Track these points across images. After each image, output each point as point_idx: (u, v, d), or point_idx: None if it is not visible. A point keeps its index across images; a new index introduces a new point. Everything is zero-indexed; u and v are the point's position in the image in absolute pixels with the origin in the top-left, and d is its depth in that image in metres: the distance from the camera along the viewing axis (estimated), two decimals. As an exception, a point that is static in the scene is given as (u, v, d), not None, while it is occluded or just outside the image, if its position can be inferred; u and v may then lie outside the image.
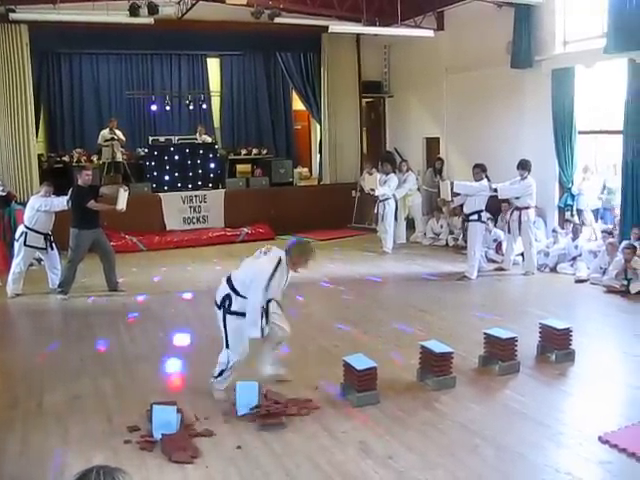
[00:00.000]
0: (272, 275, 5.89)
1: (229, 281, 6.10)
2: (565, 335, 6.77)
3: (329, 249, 13.90)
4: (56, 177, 13.81)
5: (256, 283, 5.84)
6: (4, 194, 13.03)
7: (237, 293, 5.97)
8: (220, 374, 5.99)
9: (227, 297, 6.01)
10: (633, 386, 6.15)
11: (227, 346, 5.97)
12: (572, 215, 12.04)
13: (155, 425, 5.19)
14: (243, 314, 5.87)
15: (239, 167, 17.50)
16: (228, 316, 5.95)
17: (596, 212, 12.16)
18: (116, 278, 10.43)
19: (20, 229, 10.44)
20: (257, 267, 6.04)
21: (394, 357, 6.92)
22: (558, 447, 4.95)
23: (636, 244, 10.00)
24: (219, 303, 6.05)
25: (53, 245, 10.48)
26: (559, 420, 5.39)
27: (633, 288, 9.46)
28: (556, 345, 6.73)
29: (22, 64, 14.06)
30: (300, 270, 6.27)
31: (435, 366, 6.07)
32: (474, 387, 6.09)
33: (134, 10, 12.65)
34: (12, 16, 12.63)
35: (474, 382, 6.23)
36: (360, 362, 5.80)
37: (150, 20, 12.65)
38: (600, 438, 5.00)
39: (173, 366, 6.95)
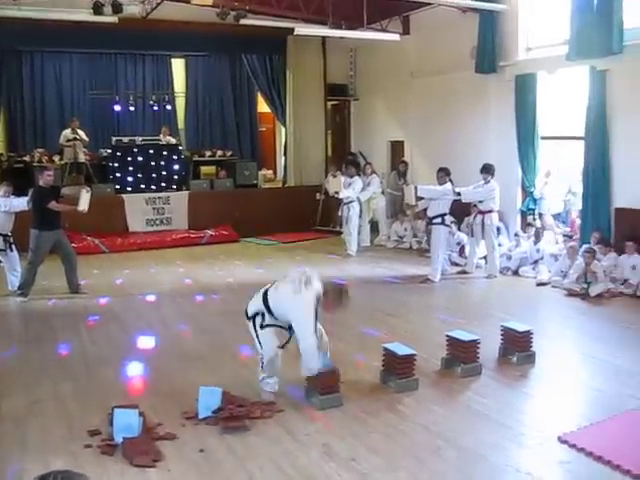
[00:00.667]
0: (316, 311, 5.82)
1: (265, 299, 5.95)
2: (526, 337, 6.85)
3: (293, 252, 13.91)
4: (16, 177, 13.59)
5: (306, 324, 5.73)
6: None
7: (271, 313, 5.90)
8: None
9: (260, 314, 5.94)
10: (592, 387, 6.25)
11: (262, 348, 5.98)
12: (534, 219, 12.19)
13: (116, 429, 5.12)
14: (276, 325, 5.90)
15: (203, 169, 17.42)
16: (260, 330, 5.94)
17: (558, 216, 12.33)
18: (77, 280, 10.28)
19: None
20: (302, 306, 5.77)
21: (357, 359, 6.93)
22: (519, 448, 5.01)
23: (596, 248, 10.17)
24: (250, 316, 6.02)
25: (13, 247, 10.31)
26: (520, 421, 5.45)
27: (593, 291, 9.61)
28: (517, 347, 6.81)
29: (-18, 62, 13.82)
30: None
31: (398, 368, 6.10)
32: (436, 389, 6.13)
33: (97, 8, 12.49)
34: (-29, 12, 12.39)
35: (436, 384, 6.27)
36: (323, 365, 5.80)
37: (114, 19, 12.51)
38: (560, 438, 5.07)
39: (135, 369, 6.87)
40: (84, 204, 10.02)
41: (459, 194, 10.86)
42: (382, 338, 7.45)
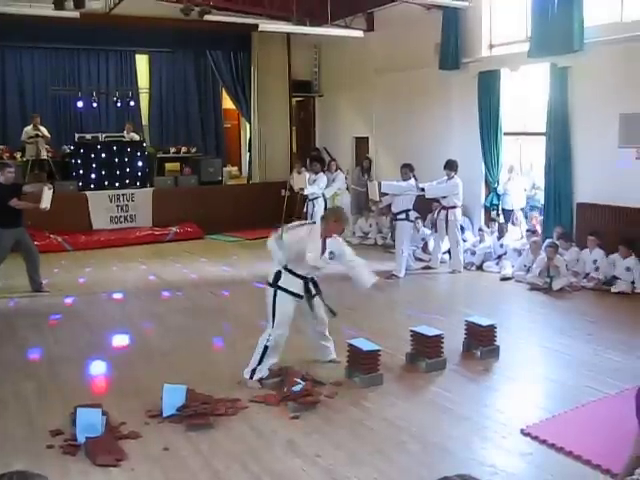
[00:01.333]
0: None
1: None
2: (489, 332, 6.93)
3: (258, 248, 13.71)
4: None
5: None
6: None
7: (287, 269, 6.39)
8: (260, 362, 6.20)
9: (278, 274, 6.42)
10: (554, 380, 6.35)
11: (273, 325, 6.25)
12: (498, 215, 12.32)
13: (79, 428, 5.06)
14: (291, 292, 6.30)
15: (168, 165, 17.27)
16: (279, 292, 6.31)
17: (522, 211, 12.46)
18: (40, 279, 10.13)
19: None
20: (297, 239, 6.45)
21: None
22: (482, 441, 5.06)
23: (558, 243, 10.30)
24: (271, 281, 6.43)
25: None
26: (484, 414, 5.51)
27: (555, 285, 9.75)
28: (481, 342, 6.88)
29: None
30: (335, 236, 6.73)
31: (363, 364, 6.13)
32: (401, 384, 6.17)
33: (59, 3, 12.31)
34: None
35: (401, 379, 6.31)
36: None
37: (76, 14, 12.34)
38: (522, 431, 5.13)
39: (98, 368, 6.80)
40: (46, 202, 9.89)
41: (423, 190, 10.92)
42: (347, 334, 7.47)
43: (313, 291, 6.54)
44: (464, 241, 11.67)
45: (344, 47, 15.73)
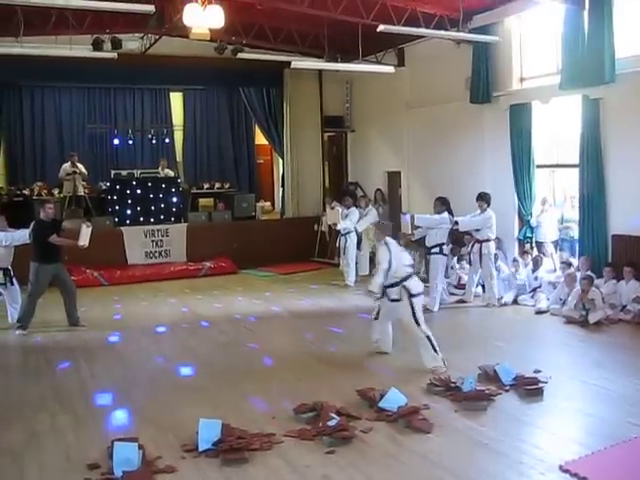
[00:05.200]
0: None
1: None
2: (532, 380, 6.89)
3: (291, 283, 13.94)
4: (16, 210, 13.66)
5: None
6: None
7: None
8: (434, 349, 7.56)
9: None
10: (592, 415, 6.23)
11: (418, 324, 7.66)
12: (532, 247, 12.23)
13: (116, 462, 5.10)
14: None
15: (201, 201, 17.48)
16: (413, 299, 7.73)
17: (555, 244, 12.36)
18: (77, 313, 10.27)
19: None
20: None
21: (356, 390, 6.88)
22: (519, 477, 4.98)
23: (592, 274, 10.19)
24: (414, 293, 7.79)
25: (13, 280, 10.33)
26: (520, 450, 5.42)
27: (591, 318, 9.61)
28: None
29: (-17, 96, 13.99)
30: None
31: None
32: (435, 419, 6.09)
33: (98, 44, 12.72)
34: (-26, 49, 12.54)
35: (435, 414, 6.22)
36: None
37: (113, 55, 12.68)
38: (561, 467, 5.05)
39: (134, 402, 6.84)
40: (84, 239, 10.04)
41: (456, 223, 10.90)
42: (379, 369, 7.48)
43: None
44: (498, 272, 11.56)
45: (375, 82, 15.87)
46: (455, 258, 12.34)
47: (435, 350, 7.56)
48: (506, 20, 12.49)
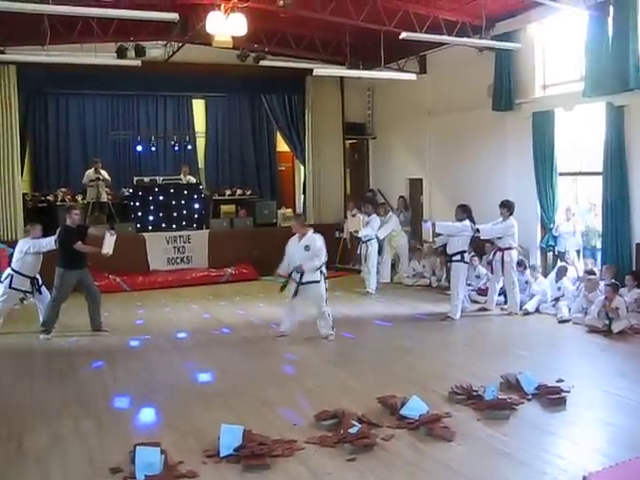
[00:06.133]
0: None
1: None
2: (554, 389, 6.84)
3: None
4: (40, 216, 13.81)
5: None
6: (-13, 233, 13.00)
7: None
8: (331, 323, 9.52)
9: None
10: (616, 425, 6.17)
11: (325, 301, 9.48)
12: (555, 256, 12.16)
13: (138, 466, 5.13)
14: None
15: (223, 208, 17.53)
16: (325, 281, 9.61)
17: (578, 252, 12.27)
18: (100, 318, 10.37)
19: (7, 271, 10.41)
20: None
21: (377, 397, 6.87)
22: (542, 487, 4.96)
23: (617, 282, 10.10)
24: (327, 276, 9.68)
25: (41, 289, 10.43)
26: (542, 459, 5.37)
27: (615, 327, 9.52)
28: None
29: (9, 104, 14.25)
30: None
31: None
32: (456, 427, 6.06)
33: (122, 52, 12.88)
34: (1, 57, 12.75)
35: (456, 422, 6.20)
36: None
37: (137, 62, 12.82)
38: (584, 478, 4.99)
39: (155, 406, 6.87)
40: (108, 247, 10.14)
41: (478, 230, 10.86)
42: (402, 376, 7.48)
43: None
44: (527, 283, 11.50)
45: (397, 89, 15.89)
46: (479, 265, 12.30)
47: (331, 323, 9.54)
48: (529, 27, 12.48)
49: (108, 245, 10.14)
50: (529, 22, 12.34)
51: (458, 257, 10.88)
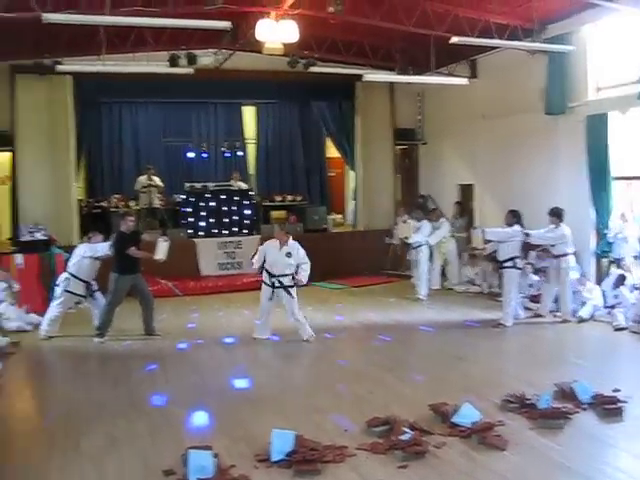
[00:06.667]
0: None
1: None
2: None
3: (363, 295, 13.93)
4: (94, 222, 14.10)
5: None
6: (45, 238, 13.31)
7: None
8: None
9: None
10: (678, 437, 6.00)
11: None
12: (610, 262, 11.91)
13: (191, 469, 5.18)
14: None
15: (274, 213, 17.61)
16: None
17: (635, 258, 11.98)
18: (153, 322, 10.52)
19: (64, 275, 10.65)
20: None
21: (428, 404, 6.83)
22: (599, 499, 4.85)
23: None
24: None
25: (95, 294, 10.64)
26: (603, 473, 5.23)
27: (673, 336, 9.29)
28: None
29: (66, 113, 14.63)
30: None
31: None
32: (509, 434, 5.97)
33: (174, 61, 13.08)
34: (58, 68, 13.07)
35: (509, 429, 6.11)
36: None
37: (190, 70, 13.01)
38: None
39: (207, 410, 6.94)
40: (161, 253, 10.31)
41: (528, 235, 10.70)
42: (454, 383, 7.42)
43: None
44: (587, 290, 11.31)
45: (447, 94, 15.79)
46: (530, 273, 12.12)
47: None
48: (582, 28, 12.24)
49: (161, 251, 10.30)
50: (582, 24, 12.10)
51: (510, 263, 10.75)
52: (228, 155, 18.72)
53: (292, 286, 10.01)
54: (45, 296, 12.09)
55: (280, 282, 9.95)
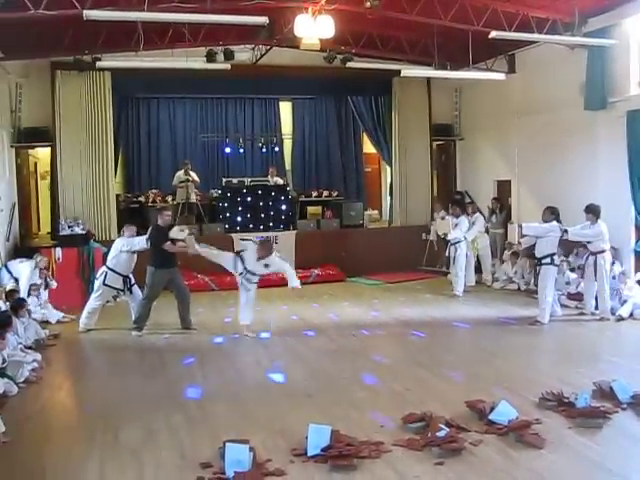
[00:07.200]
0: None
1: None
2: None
3: (399, 291, 13.90)
4: (132, 217, 14.27)
5: None
6: (84, 232, 13.51)
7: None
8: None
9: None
10: None
11: None
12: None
13: (228, 463, 5.22)
14: None
15: (310, 209, 17.66)
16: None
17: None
18: (189, 316, 10.61)
19: (102, 268, 10.81)
20: None
21: (464, 401, 6.79)
22: (638, 499, 4.78)
23: None
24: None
25: (132, 288, 10.76)
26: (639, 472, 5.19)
27: None
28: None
29: (104, 108, 14.81)
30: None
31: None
32: (546, 433, 5.91)
33: (211, 56, 13.19)
34: (98, 64, 13.26)
35: (546, 427, 6.05)
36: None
37: (227, 66, 13.09)
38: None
39: (245, 404, 7.00)
40: (192, 247, 10.31)
41: (566, 231, 10.56)
42: (490, 380, 7.39)
43: None
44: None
45: (485, 89, 15.66)
46: (567, 270, 11.98)
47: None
48: (623, 22, 12.04)
49: (190, 245, 10.33)
50: (624, 17, 11.91)
51: (548, 260, 10.62)
52: (264, 150, 18.79)
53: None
54: (84, 290, 12.30)
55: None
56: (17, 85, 14.33)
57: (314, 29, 11.51)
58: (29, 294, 11.09)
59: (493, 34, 11.31)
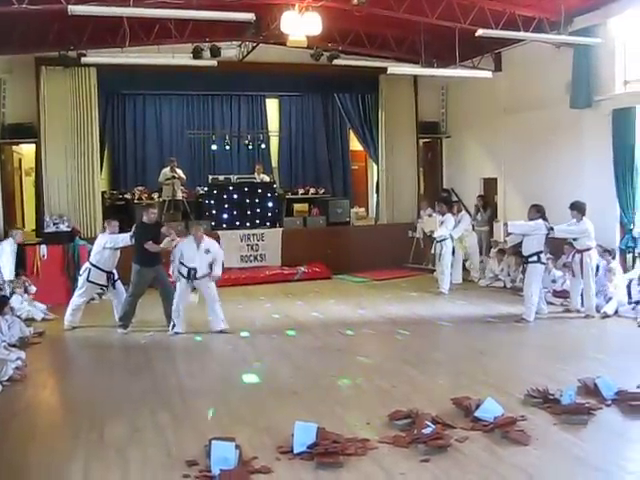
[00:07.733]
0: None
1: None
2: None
3: (385, 289, 13.91)
4: (118, 214, 14.17)
5: None
6: (69, 229, 13.43)
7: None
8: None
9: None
10: (701, 434, 5.94)
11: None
12: (634, 257, 11.79)
13: (213, 460, 5.21)
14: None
15: (296, 206, 17.63)
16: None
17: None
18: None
19: (85, 265, 10.75)
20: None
21: (451, 398, 6.80)
22: (622, 495, 4.81)
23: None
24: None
25: (116, 284, 10.70)
26: (624, 469, 5.18)
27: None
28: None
29: (90, 105, 14.70)
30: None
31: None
32: (531, 429, 5.93)
33: (197, 53, 13.12)
34: (83, 60, 13.15)
35: (531, 424, 6.07)
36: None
37: (213, 62, 13.03)
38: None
39: (229, 402, 6.98)
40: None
41: (551, 229, 10.59)
42: (477, 377, 7.41)
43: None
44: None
45: (471, 87, 15.69)
46: (554, 269, 12.03)
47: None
48: (609, 21, 12.10)
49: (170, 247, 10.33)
50: (609, 16, 11.97)
51: (534, 258, 10.66)
52: (251, 148, 18.74)
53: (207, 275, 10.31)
54: (69, 287, 12.23)
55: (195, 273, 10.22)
56: (1, 81, 14.19)
57: (301, 26, 11.47)
58: (13, 293, 11.03)
59: (480, 32, 11.34)
